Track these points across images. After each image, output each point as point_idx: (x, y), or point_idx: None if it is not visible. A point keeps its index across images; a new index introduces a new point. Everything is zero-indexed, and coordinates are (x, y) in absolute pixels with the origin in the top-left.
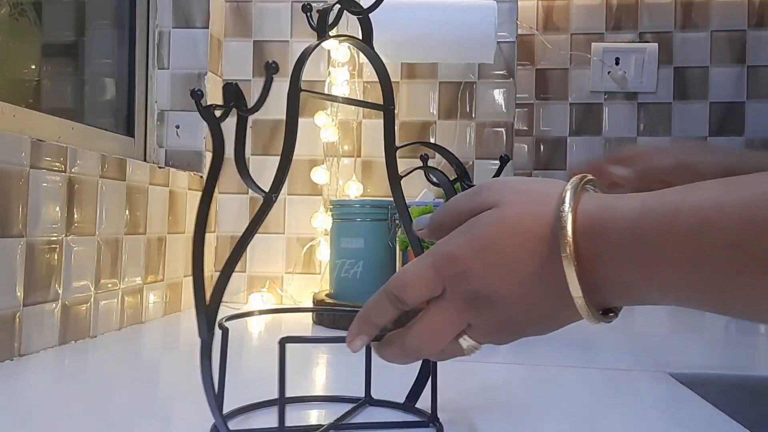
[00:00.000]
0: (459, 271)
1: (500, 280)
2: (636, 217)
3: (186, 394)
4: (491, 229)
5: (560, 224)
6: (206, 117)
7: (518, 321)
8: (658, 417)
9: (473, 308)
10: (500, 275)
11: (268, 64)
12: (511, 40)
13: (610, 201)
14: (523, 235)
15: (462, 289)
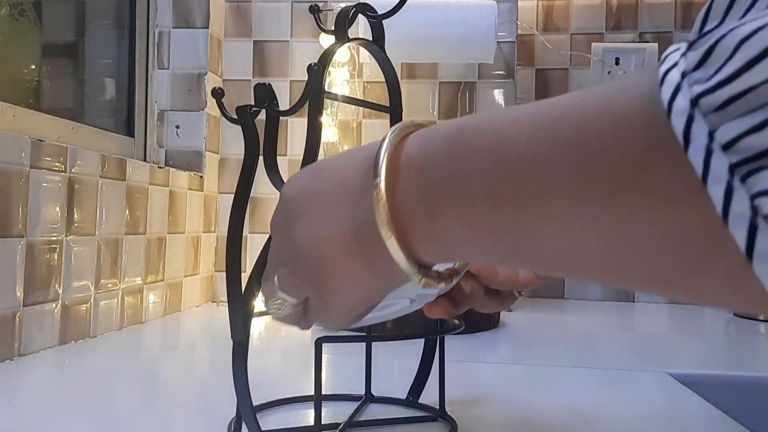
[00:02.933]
0: (282, 195)
1: (310, 196)
2: (461, 121)
3: (186, 394)
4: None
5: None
6: (242, 117)
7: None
8: (658, 417)
9: (286, 233)
10: (314, 191)
11: (310, 66)
12: (511, 40)
13: (445, 122)
14: (350, 154)
15: (282, 211)
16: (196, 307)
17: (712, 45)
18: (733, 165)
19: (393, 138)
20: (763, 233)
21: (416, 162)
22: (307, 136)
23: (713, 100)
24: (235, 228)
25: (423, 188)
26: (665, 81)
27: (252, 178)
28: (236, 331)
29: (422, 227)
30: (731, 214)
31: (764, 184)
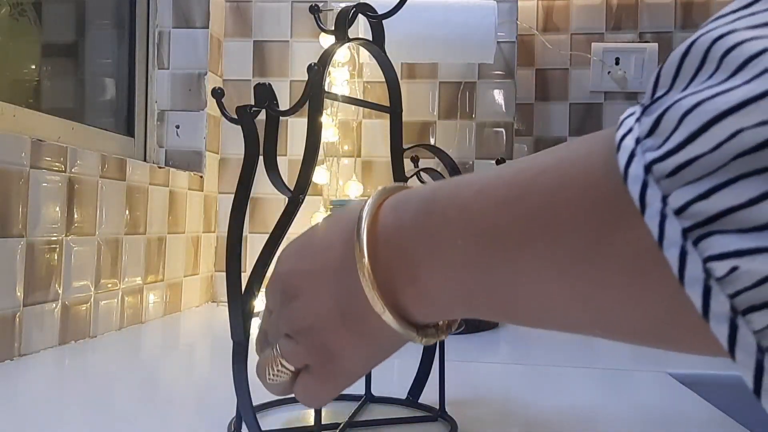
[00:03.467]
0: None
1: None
2: (433, 188)
3: (186, 394)
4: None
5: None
6: (242, 117)
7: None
8: (658, 417)
9: (284, 306)
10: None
11: (310, 66)
12: (511, 40)
13: (419, 186)
14: (336, 222)
15: (278, 287)
16: (196, 307)
17: (660, 115)
18: (686, 229)
19: (369, 213)
20: (716, 296)
21: (393, 236)
22: (307, 136)
23: (664, 168)
24: (235, 228)
25: (403, 260)
26: (621, 147)
27: (252, 178)
28: (236, 332)
29: (410, 295)
30: (686, 276)
31: (713, 249)
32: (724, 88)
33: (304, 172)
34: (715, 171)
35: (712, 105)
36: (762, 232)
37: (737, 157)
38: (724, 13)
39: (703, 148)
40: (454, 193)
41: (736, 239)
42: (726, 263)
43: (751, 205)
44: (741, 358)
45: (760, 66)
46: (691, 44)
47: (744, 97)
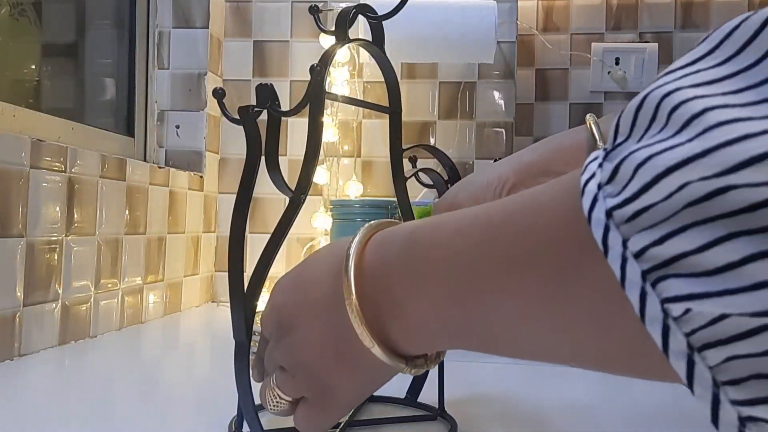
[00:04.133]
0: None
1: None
2: (412, 229)
3: (186, 394)
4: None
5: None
6: (244, 117)
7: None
8: (658, 416)
9: (280, 339)
10: (299, 299)
11: (313, 67)
12: (511, 40)
13: (401, 224)
14: (325, 257)
15: (273, 320)
16: (196, 307)
17: (618, 164)
18: (644, 272)
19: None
20: (674, 334)
21: (378, 273)
22: (309, 136)
23: (623, 213)
24: (237, 228)
25: (389, 297)
26: (585, 191)
27: (254, 179)
28: (238, 331)
29: (397, 329)
30: (647, 315)
31: (669, 291)
32: (671, 144)
33: (305, 172)
34: (668, 218)
35: (661, 160)
36: (710, 277)
37: (687, 207)
38: (674, 68)
39: (655, 197)
40: (434, 233)
41: (688, 283)
42: (680, 305)
43: (700, 252)
44: (699, 392)
45: (700, 125)
46: (644, 97)
47: (687, 155)
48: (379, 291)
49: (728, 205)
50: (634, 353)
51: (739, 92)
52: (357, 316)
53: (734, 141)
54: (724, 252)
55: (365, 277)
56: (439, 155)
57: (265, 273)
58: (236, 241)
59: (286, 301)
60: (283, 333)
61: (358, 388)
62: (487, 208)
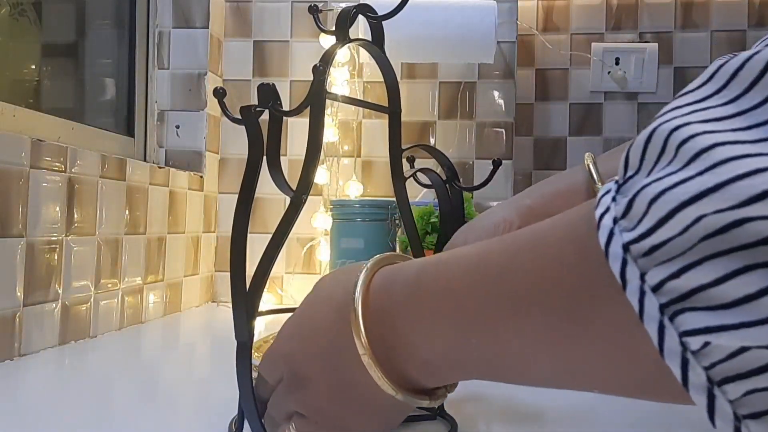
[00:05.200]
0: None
1: (309, 355)
2: (417, 270)
3: (186, 394)
4: (304, 306)
5: (355, 284)
6: (246, 117)
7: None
8: (658, 416)
9: (293, 389)
10: (309, 350)
11: (315, 67)
12: (511, 40)
13: (403, 263)
14: (328, 303)
15: (283, 368)
16: (196, 307)
17: (631, 199)
18: (662, 305)
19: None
20: (693, 367)
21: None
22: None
23: (640, 248)
24: (239, 227)
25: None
26: (601, 226)
27: (256, 179)
28: (240, 331)
29: (413, 369)
30: (665, 349)
31: (687, 324)
32: (680, 177)
33: (306, 171)
34: (684, 252)
35: (673, 195)
36: (727, 309)
37: (703, 240)
38: (681, 104)
39: (672, 231)
40: (441, 273)
41: (706, 316)
42: (699, 338)
43: (717, 285)
44: (720, 425)
45: (709, 160)
46: (653, 131)
47: (700, 189)
48: (389, 337)
49: (744, 238)
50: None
51: (747, 129)
52: (376, 369)
53: (745, 175)
54: (741, 284)
55: (373, 325)
56: (437, 155)
57: (267, 273)
58: (238, 241)
59: (294, 351)
60: (298, 384)
61: (382, 425)
62: (491, 245)
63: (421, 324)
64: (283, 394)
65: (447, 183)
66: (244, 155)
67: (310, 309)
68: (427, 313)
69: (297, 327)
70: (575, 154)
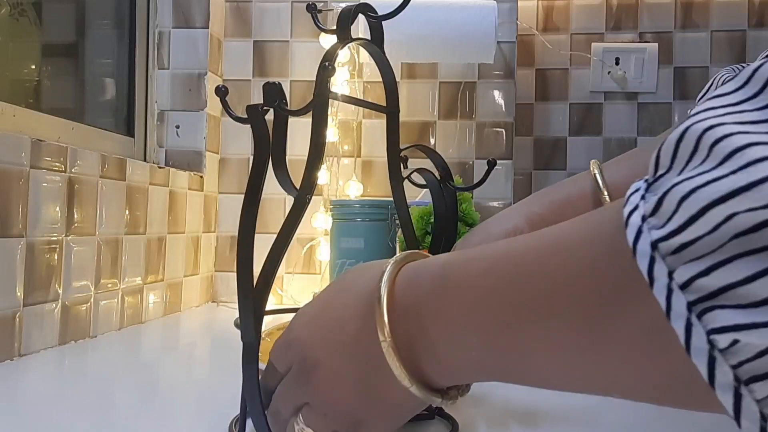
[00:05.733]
0: (294, 338)
1: (324, 342)
2: (443, 264)
3: (186, 394)
4: (324, 295)
5: (381, 275)
6: (252, 116)
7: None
8: (658, 416)
9: (304, 376)
10: (326, 337)
11: (323, 65)
12: (511, 40)
13: (429, 259)
14: (350, 293)
15: (295, 355)
16: (196, 307)
17: (661, 196)
18: (690, 303)
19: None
20: (720, 366)
21: (410, 313)
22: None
23: (669, 246)
24: (246, 228)
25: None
26: (629, 224)
27: (263, 178)
28: (246, 332)
29: (431, 366)
30: (692, 347)
31: (716, 322)
32: (713, 176)
33: (310, 171)
34: (714, 250)
35: (705, 193)
36: (758, 308)
37: (734, 238)
38: (715, 105)
39: (702, 229)
40: (465, 270)
41: (735, 314)
42: (727, 336)
43: (747, 283)
44: (746, 426)
45: (744, 159)
46: (686, 130)
47: (733, 187)
48: (412, 331)
49: None
50: (677, 387)
51: None
52: (395, 357)
53: None
54: None
55: (397, 317)
56: (431, 155)
57: (272, 273)
58: (245, 241)
59: (310, 338)
60: (308, 370)
61: (390, 421)
62: (517, 243)
63: (444, 326)
64: (293, 384)
65: (441, 183)
66: (244, 155)
67: (332, 298)
68: (449, 309)
69: (314, 315)
70: (575, 154)
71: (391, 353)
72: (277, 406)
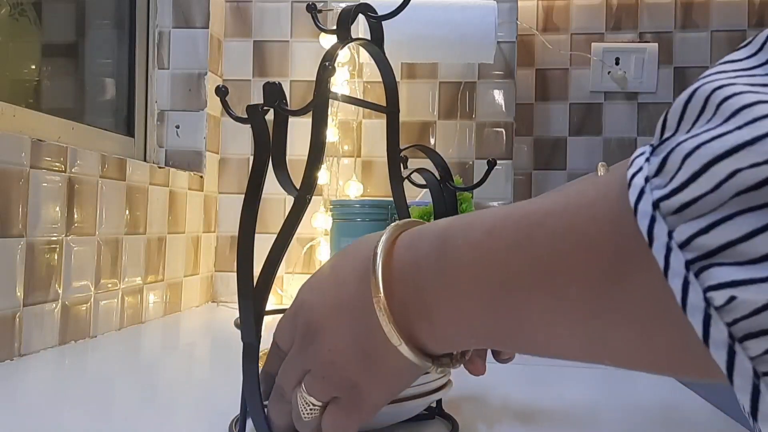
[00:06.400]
0: (298, 305)
1: (327, 304)
2: (444, 227)
3: (186, 394)
4: (328, 264)
5: (379, 239)
6: (252, 116)
7: (338, 360)
8: (658, 417)
9: (307, 341)
10: (328, 299)
11: (323, 65)
12: (511, 40)
13: (431, 222)
14: (351, 256)
15: (299, 322)
16: (196, 307)
17: (665, 156)
18: (689, 261)
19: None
20: (715, 323)
21: (407, 273)
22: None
23: (670, 205)
24: (246, 228)
25: (418, 296)
26: (632, 185)
27: (264, 177)
28: (247, 332)
29: (425, 328)
30: (688, 305)
31: (713, 279)
32: (718, 132)
33: (310, 171)
34: (715, 209)
35: (709, 149)
36: (756, 264)
37: (736, 196)
38: (726, 69)
39: (704, 187)
40: (466, 232)
41: (733, 270)
42: (724, 293)
43: (747, 240)
44: (738, 383)
45: (750, 115)
46: (694, 91)
47: (737, 142)
48: (408, 291)
49: None
50: (674, 351)
51: None
52: (385, 314)
53: None
54: None
55: (394, 277)
56: (431, 155)
57: (273, 274)
58: (245, 242)
59: (313, 302)
60: (311, 336)
61: (385, 387)
62: (519, 207)
63: (443, 286)
64: (296, 354)
65: (441, 183)
66: (244, 155)
67: (335, 263)
68: (449, 275)
69: (318, 282)
70: (575, 154)
71: (382, 310)
72: (279, 387)
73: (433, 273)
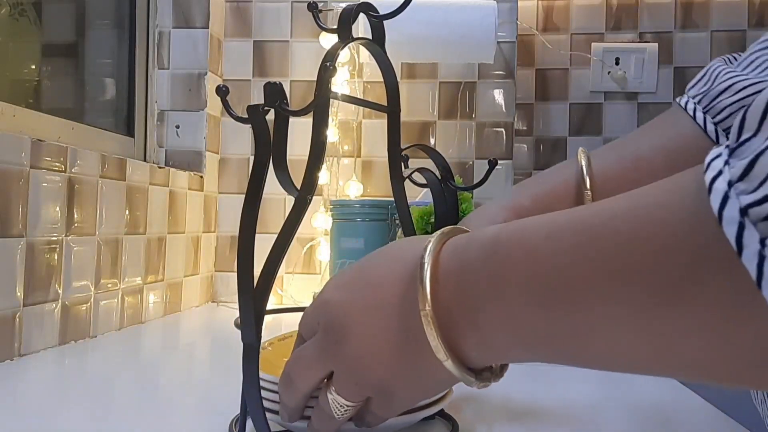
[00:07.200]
0: (322, 302)
1: (358, 307)
2: (495, 233)
3: (186, 394)
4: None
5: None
6: (253, 116)
7: (372, 364)
8: (658, 417)
9: (332, 341)
10: (358, 299)
11: (324, 65)
12: (511, 40)
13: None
14: (391, 260)
15: (322, 319)
16: (196, 307)
17: (752, 159)
18: None
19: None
20: None
21: (455, 279)
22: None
23: (761, 211)
24: (247, 228)
25: (464, 303)
26: (713, 190)
27: (264, 177)
28: (247, 333)
29: (470, 336)
30: None
31: None
32: None
33: (310, 171)
34: None
35: None
36: None
37: None
38: None
39: None
40: (521, 235)
41: None
42: None
43: None
44: None
45: None
46: None
47: None
48: (454, 298)
49: None
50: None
51: None
52: (433, 328)
53: None
54: None
55: (440, 285)
56: (432, 155)
57: (273, 274)
58: (246, 242)
59: (342, 300)
60: (335, 332)
61: (420, 393)
62: (576, 212)
63: (492, 285)
64: (318, 351)
65: (442, 182)
66: (244, 155)
67: (370, 265)
68: (500, 274)
69: (350, 279)
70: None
71: (430, 324)
72: (290, 374)
73: (481, 275)
